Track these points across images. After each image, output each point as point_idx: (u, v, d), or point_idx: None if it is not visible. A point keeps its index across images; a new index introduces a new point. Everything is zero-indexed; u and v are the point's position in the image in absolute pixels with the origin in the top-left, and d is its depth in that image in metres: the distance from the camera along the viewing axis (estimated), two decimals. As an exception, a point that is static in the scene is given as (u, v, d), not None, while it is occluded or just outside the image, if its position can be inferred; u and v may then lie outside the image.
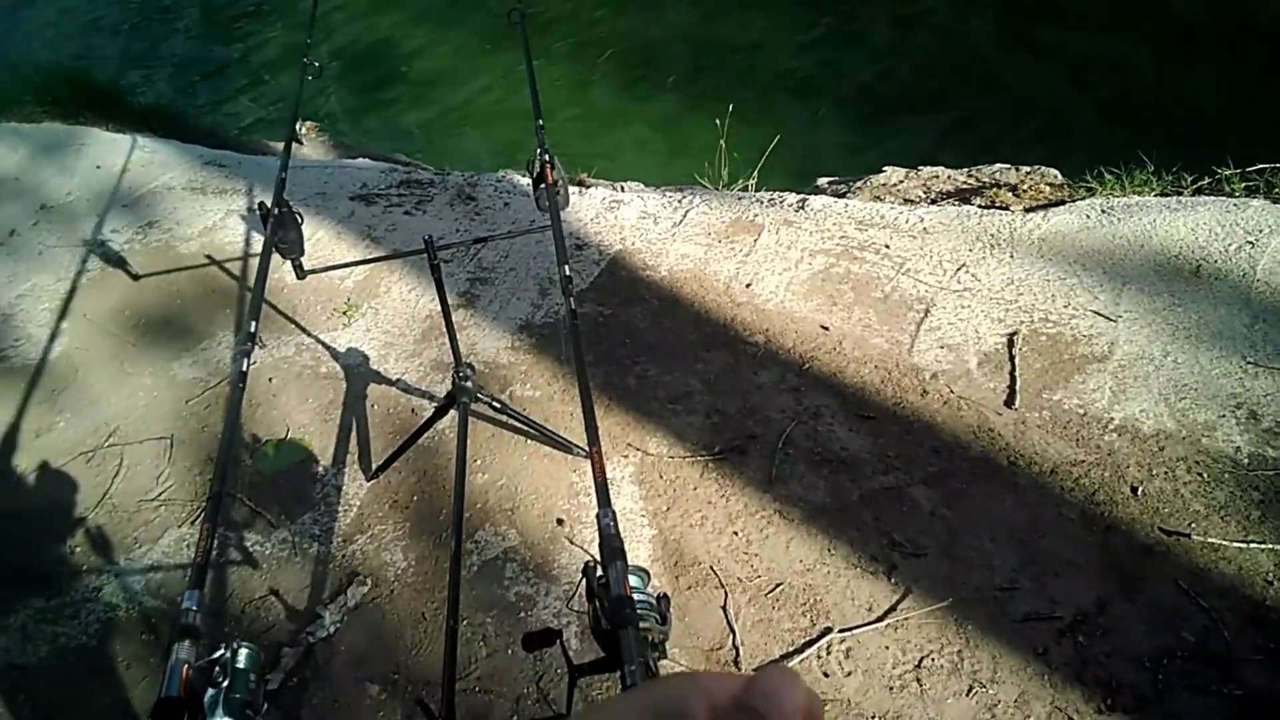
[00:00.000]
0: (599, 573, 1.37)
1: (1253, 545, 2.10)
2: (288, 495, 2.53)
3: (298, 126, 4.61)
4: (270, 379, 2.84)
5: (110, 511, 2.54)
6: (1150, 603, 2.04)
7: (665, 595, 1.44)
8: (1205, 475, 2.27)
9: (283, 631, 2.23)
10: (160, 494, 2.57)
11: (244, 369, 1.59)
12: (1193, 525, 2.17)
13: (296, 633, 2.21)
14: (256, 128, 5.42)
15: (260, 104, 5.78)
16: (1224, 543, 2.12)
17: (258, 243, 3.35)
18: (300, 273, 2.11)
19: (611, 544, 1.36)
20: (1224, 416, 2.39)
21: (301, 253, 2.13)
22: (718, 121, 3.80)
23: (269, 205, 1.99)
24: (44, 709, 2.16)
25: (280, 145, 4.71)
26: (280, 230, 2.01)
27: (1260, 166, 3.15)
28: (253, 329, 1.68)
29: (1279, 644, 1.92)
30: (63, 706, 2.16)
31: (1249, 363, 2.50)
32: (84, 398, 2.86)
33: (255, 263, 3.27)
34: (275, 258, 2.16)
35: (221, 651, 1.33)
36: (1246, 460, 2.28)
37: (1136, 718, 1.85)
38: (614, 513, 1.41)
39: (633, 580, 1.37)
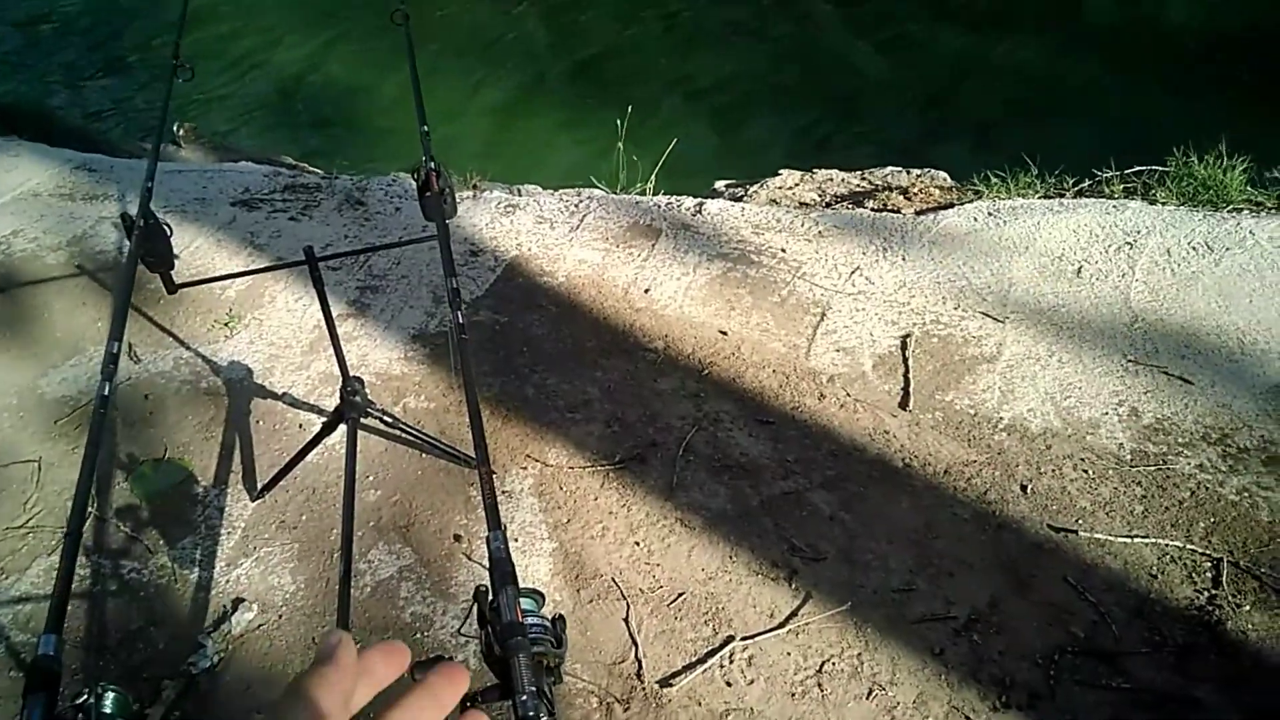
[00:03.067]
0: (489, 598, 1.32)
1: (1137, 540, 2.17)
2: (166, 518, 2.40)
3: (175, 128, 4.42)
4: (146, 395, 2.70)
5: (-29, 542, 2.37)
6: (1041, 600, 2.08)
7: (560, 617, 1.40)
8: (1090, 472, 2.33)
9: (162, 663, 2.10)
10: (28, 521, 2.41)
11: (105, 393, 1.49)
12: (1080, 522, 2.22)
13: (177, 664, 2.09)
14: (131, 130, 5.16)
15: (135, 105, 5.51)
16: (1109, 538, 2.18)
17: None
18: (170, 287, 1.99)
19: (502, 568, 1.32)
20: (1107, 414, 2.46)
21: (171, 266, 2.02)
22: (618, 122, 3.77)
23: (133, 216, 1.87)
24: (-106, 760, 2.00)
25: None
26: (147, 242, 1.89)
27: (1138, 168, 3.28)
28: (115, 350, 1.57)
29: (1164, 637, 1.98)
30: (-84, 757, 2.00)
31: (1130, 361, 2.59)
32: (-60, 420, 2.67)
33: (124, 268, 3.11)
34: (144, 270, 2.05)
35: (85, 697, 1.24)
36: (1129, 456, 2.36)
37: (1030, 714, 1.88)
38: (504, 535, 1.36)
39: (525, 604, 1.32)
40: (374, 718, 0.51)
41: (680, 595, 2.14)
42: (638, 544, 2.26)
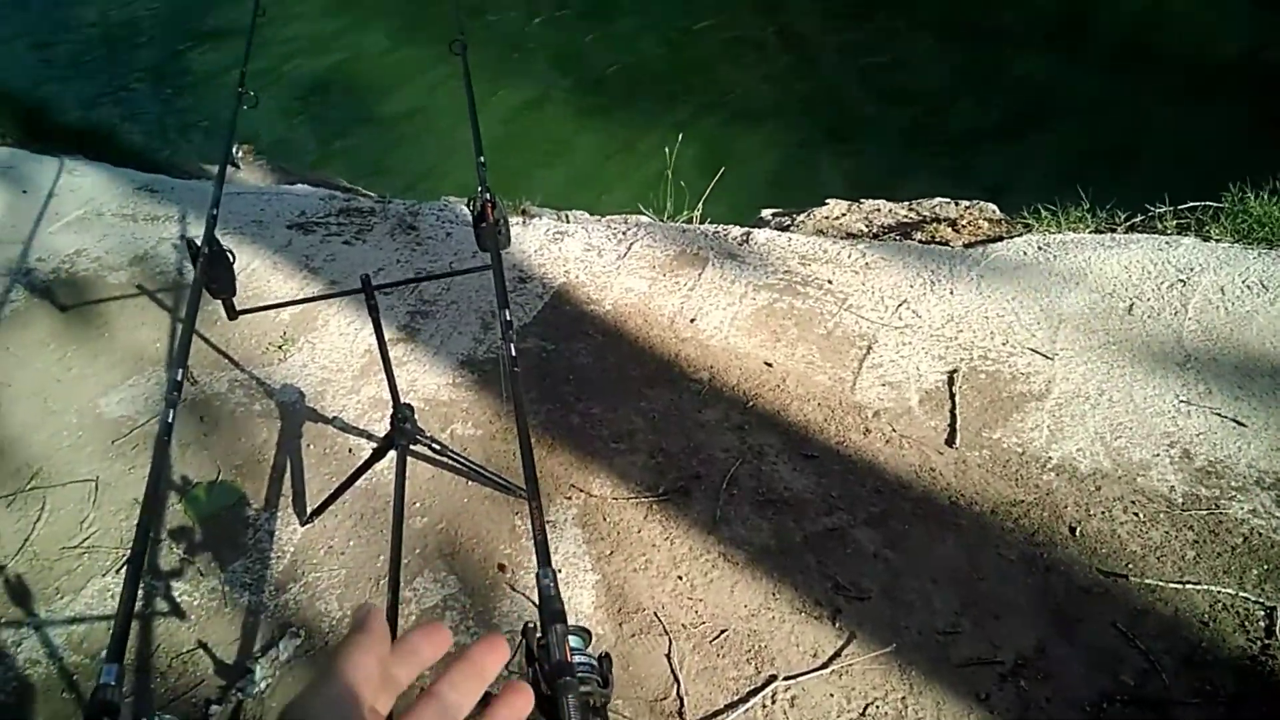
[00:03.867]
0: (538, 634, 1.34)
1: (1188, 586, 2.14)
2: (218, 541, 2.45)
3: (234, 150, 4.52)
4: (201, 417, 2.76)
5: (31, 559, 2.43)
6: (1089, 645, 2.06)
7: (607, 655, 1.41)
8: (1141, 515, 2.30)
9: (211, 687, 2.14)
10: (84, 540, 2.47)
11: (169, 420, 1.53)
12: (1130, 566, 2.19)
13: (226, 689, 2.13)
14: (191, 150, 5.30)
15: (196, 126, 5.65)
16: (1160, 584, 2.15)
17: (191, 272, 3.26)
18: (232, 313, 2.04)
19: (551, 606, 1.33)
20: (1158, 455, 2.43)
21: (233, 292, 2.07)
22: (667, 150, 3.79)
23: (198, 243, 1.93)
24: (-44, 773, 2.06)
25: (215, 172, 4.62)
26: (210, 269, 1.95)
27: (1192, 204, 3.24)
28: (179, 377, 1.62)
29: (1215, 687, 1.95)
30: (-24, 770, 2.06)
31: (1182, 401, 2.55)
32: (5, 437, 2.74)
33: (188, 295, 3.19)
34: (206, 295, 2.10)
35: (142, 726, 1.27)
36: (1180, 500, 2.32)
37: (1077, 765, 1.86)
38: (554, 573, 1.38)
39: (573, 641, 1.34)
40: (420, 692, 0.52)
41: (723, 632, 2.15)
42: (680, 578, 2.26)
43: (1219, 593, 2.13)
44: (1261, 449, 2.41)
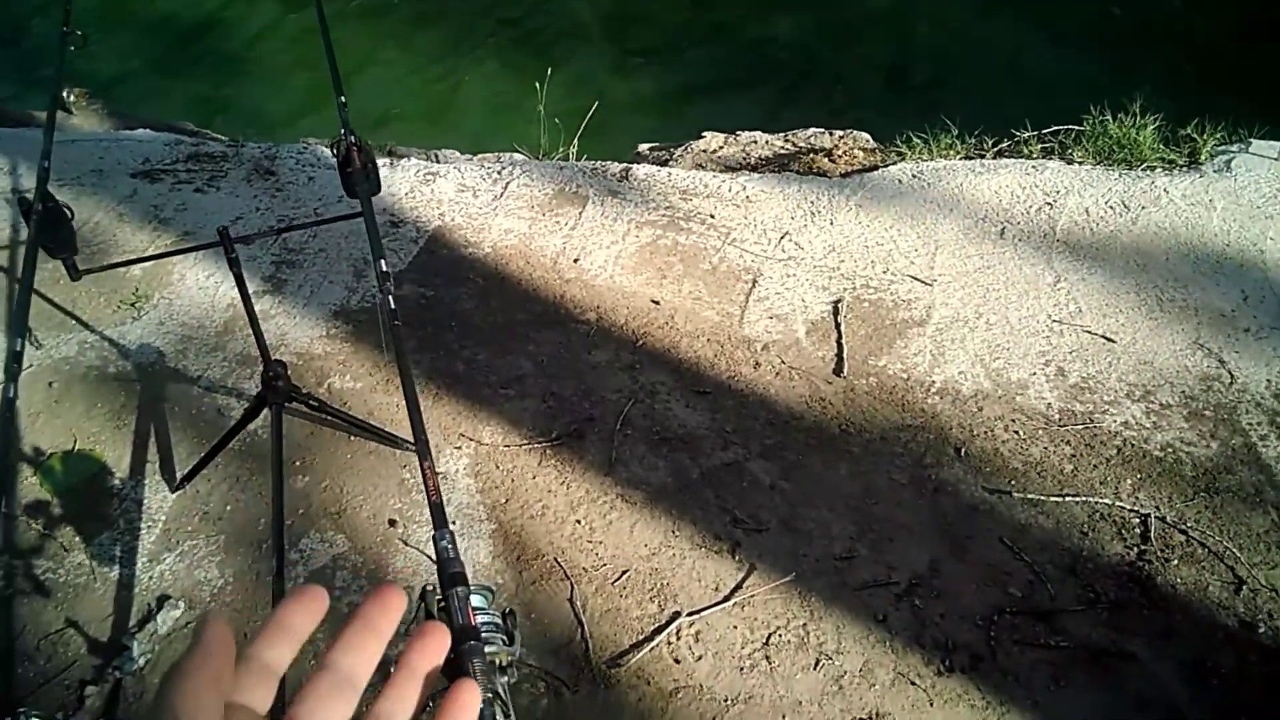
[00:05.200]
0: (438, 597, 1.28)
1: (1068, 499, 2.22)
2: (80, 513, 2.28)
3: (66, 94, 4.15)
4: (51, 383, 2.54)
5: None
6: (979, 561, 2.12)
7: (511, 611, 1.36)
8: (1021, 433, 2.38)
9: (85, 667, 2.00)
10: (-76, 523, 2.26)
11: (10, 395, 1.38)
12: (1013, 483, 2.27)
13: (102, 668, 1.99)
14: (18, 96, 4.83)
15: (21, 69, 5.16)
16: (1042, 498, 2.23)
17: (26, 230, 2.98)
18: (75, 274, 1.86)
19: (450, 569, 1.27)
20: (1035, 374, 2.51)
21: (74, 251, 1.88)
22: (537, 85, 3.66)
23: (30, 199, 1.74)
24: None
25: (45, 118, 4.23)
26: (46, 228, 1.76)
27: (1055, 128, 3.33)
28: (19, 347, 1.46)
29: (1098, 594, 2.04)
30: None
31: (1054, 321, 2.64)
32: None
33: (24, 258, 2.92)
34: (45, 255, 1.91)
35: (5, 723, 1.16)
36: (1057, 416, 2.41)
37: (973, 676, 1.92)
38: (452, 534, 1.32)
39: (476, 601, 1.28)
40: (312, 665, 0.47)
41: (624, 573, 2.12)
42: (579, 522, 2.23)
43: (1096, 503, 2.22)
44: (1130, 363, 2.52)
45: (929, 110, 3.55)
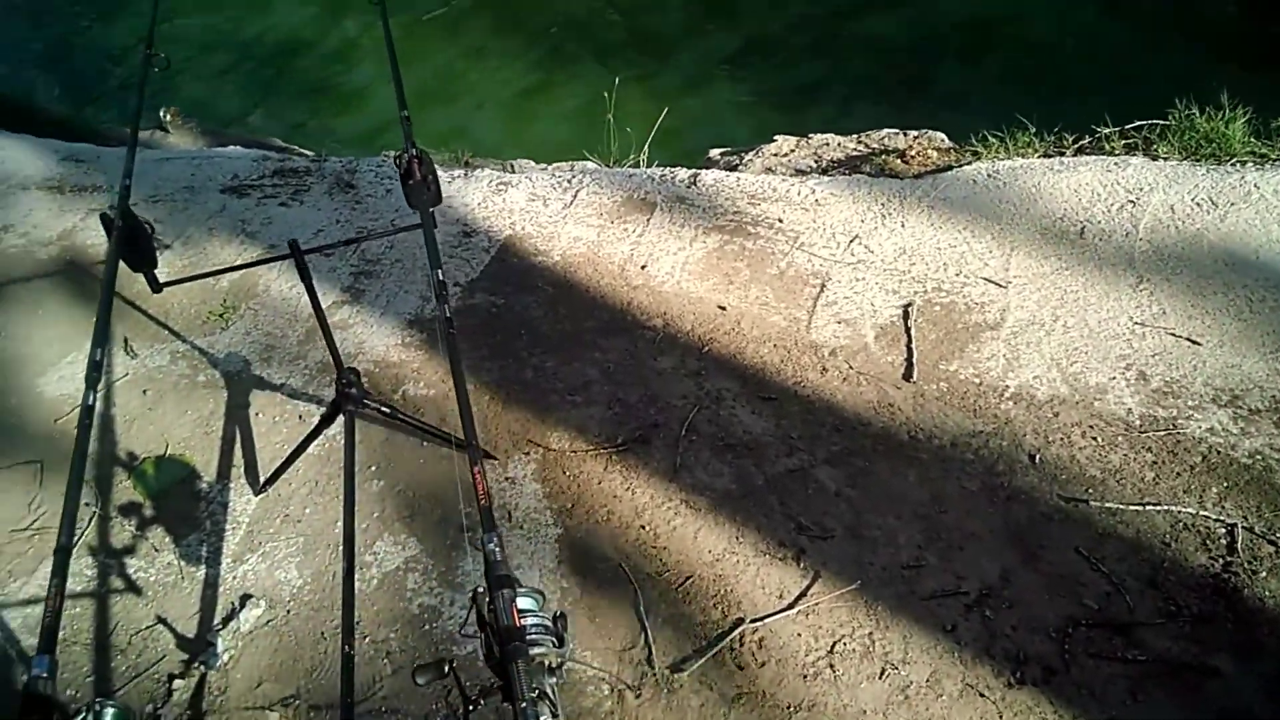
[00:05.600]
0: (488, 599, 1.31)
1: (1149, 507, 2.15)
2: (171, 516, 2.39)
3: (162, 113, 4.35)
4: (145, 391, 2.67)
5: (-23, 546, 2.36)
6: (1053, 571, 2.07)
7: (563, 614, 1.38)
8: (1099, 439, 2.31)
9: (173, 662, 2.10)
10: (33, 523, 2.40)
11: (90, 403, 1.47)
12: (1090, 490, 2.20)
13: (188, 663, 2.09)
14: (118, 118, 5.09)
15: (119, 91, 5.43)
16: (1121, 506, 2.16)
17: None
18: (155, 286, 1.96)
19: (496, 571, 1.30)
20: (1115, 379, 2.44)
21: (154, 264, 1.97)
22: (605, 94, 3.71)
23: (111, 216, 1.83)
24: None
25: (147, 134, 4.44)
26: (127, 243, 1.85)
27: (1139, 123, 3.22)
28: (99, 358, 1.54)
29: (1179, 606, 1.97)
30: (-70, 765, 2.00)
31: (1136, 323, 2.55)
32: (-63, 423, 2.65)
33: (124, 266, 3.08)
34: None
35: (83, 715, 1.22)
36: (1138, 422, 2.33)
37: (1045, 690, 1.87)
38: (499, 536, 1.35)
39: (525, 603, 1.31)
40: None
41: (688, 578, 2.13)
42: (643, 528, 2.24)
43: (1179, 512, 2.14)
44: (1216, 366, 2.42)
45: (1006, 108, 3.48)
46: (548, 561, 2.19)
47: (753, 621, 2.04)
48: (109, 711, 1.20)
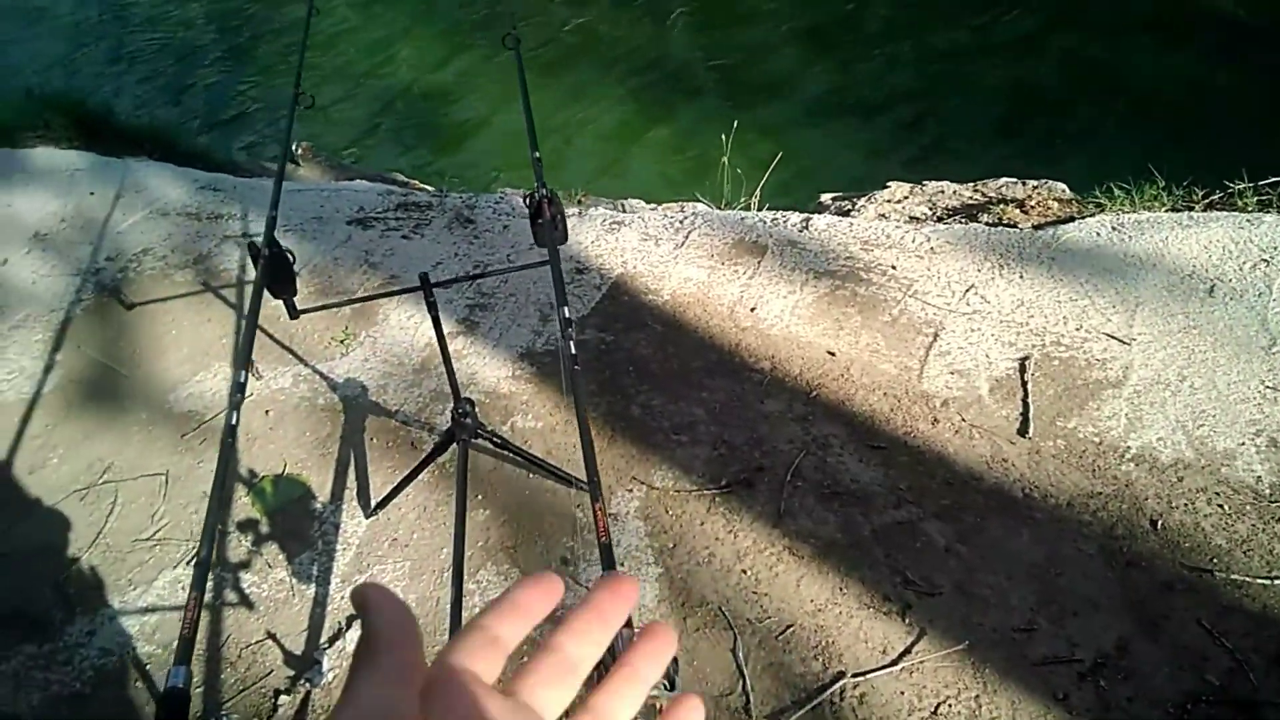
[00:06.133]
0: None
1: (1277, 582, 2.04)
2: (285, 533, 2.48)
3: (294, 147, 4.56)
4: (267, 411, 2.79)
5: (104, 551, 2.48)
6: (1173, 643, 1.98)
7: (674, 658, 1.39)
8: (1226, 507, 2.21)
9: (279, 677, 2.17)
10: (155, 533, 2.52)
11: (233, 423, 1.54)
12: (1215, 561, 2.10)
13: (294, 679, 2.15)
14: (252, 148, 5.37)
15: (255, 124, 5.73)
16: (1248, 579, 2.06)
17: (253, 270, 3.29)
18: (293, 313, 2.05)
19: (617, 609, 1.30)
20: (1244, 444, 2.33)
21: (293, 292, 2.08)
22: (723, 137, 3.74)
23: (259, 245, 1.93)
24: (36, 762, 2.10)
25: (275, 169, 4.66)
26: (271, 271, 1.95)
27: (1274, 180, 3.09)
28: (242, 379, 1.62)
29: (1309, 689, 1.86)
30: (55, 759, 2.10)
31: (1268, 387, 2.44)
32: (77, 433, 2.80)
33: (253, 290, 3.22)
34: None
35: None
36: (1268, 491, 2.22)
37: (1163, 768, 1.79)
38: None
39: (639, 644, 1.31)
40: (538, 643, 0.46)
41: (789, 627, 2.11)
42: (745, 572, 2.23)
43: (1312, 588, 2.03)
44: (1356, 437, 2.29)
45: (1133, 159, 3.39)
46: (647, 600, 2.20)
47: (854, 676, 2.00)
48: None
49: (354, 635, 2.21)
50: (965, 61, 5.43)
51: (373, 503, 2.49)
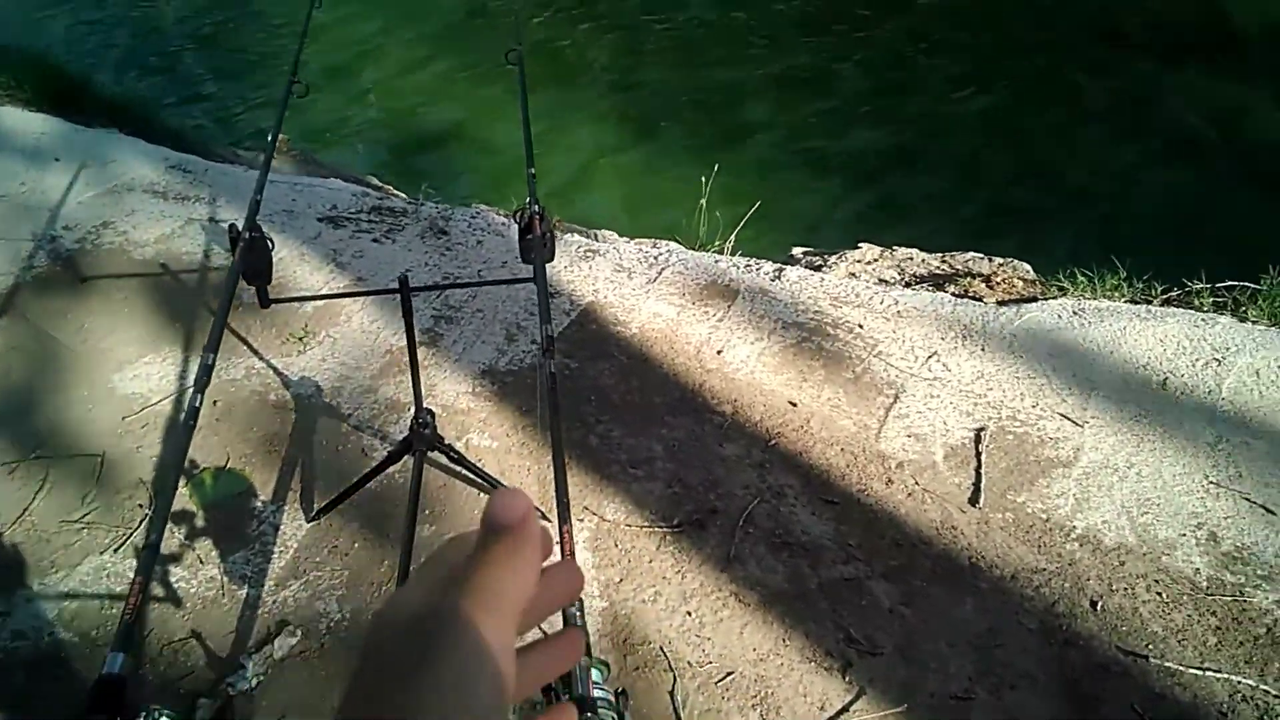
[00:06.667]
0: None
1: (1208, 673, 2.08)
2: (221, 529, 2.40)
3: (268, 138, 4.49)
4: (215, 401, 2.71)
5: (28, 530, 2.38)
6: (1106, 725, 2.00)
7: (624, 691, 1.36)
8: (1164, 595, 2.25)
9: (201, 679, 2.09)
10: (84, 516, 2.43)
11: (197, 405, 1.49)
12: (1150, 647, 2.14)
13: (216, 682, 2.08)
14: (226, 134, 5.28)
15: (233, 110, 5.64)
16: (1181, 668, 2.09)
17: (217, 256, 3.23)
18: (265, 301, 2.01)
19: (576, 639, 1.28)
20: (1185, 535, 2.38)
21: (269, 280, 2.03)
22: (703, 179, 3.77)
23: (240, 228, 1.89)
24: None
25: (253, 155, 4.59)
26: (249, 256, 1.91)
27: (1230, 283, 3.20)
28: (211, 362, 1.57)
29: (1234, 783, 1.89)
30: (-48, 742, 2.00)
31: (1211, 483, 2.50)
32: (13, 404, 2.70)
33: (213, 277, 3.15)
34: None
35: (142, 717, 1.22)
36: (1205, 583, 2.27)
37: None
38: (581, 603, 1.33)
39: (594, 675, 1.29)
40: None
41: (729, 674, 2.09)
42: (689, 614, 2.21)
43: (1239, 683, 2.07)
44: (1291, 539, 2.36)
45: (1098, 248, 3.48)
46: (589, 633, 2.16)
47: (791, 729, 1.98)
48: (164, 717, 1.20)
49: (282, 642, 2.14)
50: (943, 136, 5.56)
51: (316, 506, 2.43)
